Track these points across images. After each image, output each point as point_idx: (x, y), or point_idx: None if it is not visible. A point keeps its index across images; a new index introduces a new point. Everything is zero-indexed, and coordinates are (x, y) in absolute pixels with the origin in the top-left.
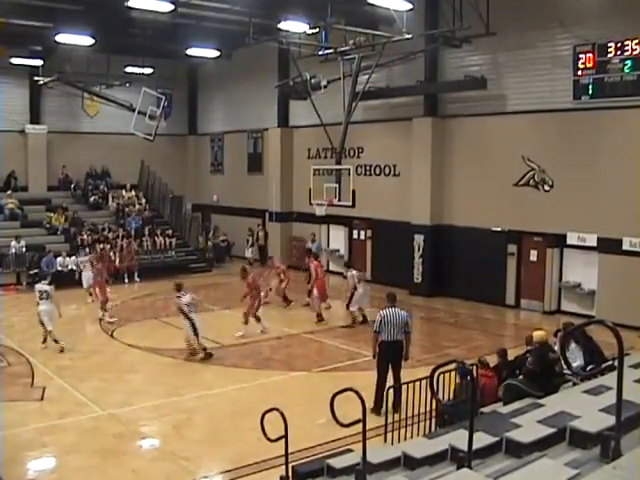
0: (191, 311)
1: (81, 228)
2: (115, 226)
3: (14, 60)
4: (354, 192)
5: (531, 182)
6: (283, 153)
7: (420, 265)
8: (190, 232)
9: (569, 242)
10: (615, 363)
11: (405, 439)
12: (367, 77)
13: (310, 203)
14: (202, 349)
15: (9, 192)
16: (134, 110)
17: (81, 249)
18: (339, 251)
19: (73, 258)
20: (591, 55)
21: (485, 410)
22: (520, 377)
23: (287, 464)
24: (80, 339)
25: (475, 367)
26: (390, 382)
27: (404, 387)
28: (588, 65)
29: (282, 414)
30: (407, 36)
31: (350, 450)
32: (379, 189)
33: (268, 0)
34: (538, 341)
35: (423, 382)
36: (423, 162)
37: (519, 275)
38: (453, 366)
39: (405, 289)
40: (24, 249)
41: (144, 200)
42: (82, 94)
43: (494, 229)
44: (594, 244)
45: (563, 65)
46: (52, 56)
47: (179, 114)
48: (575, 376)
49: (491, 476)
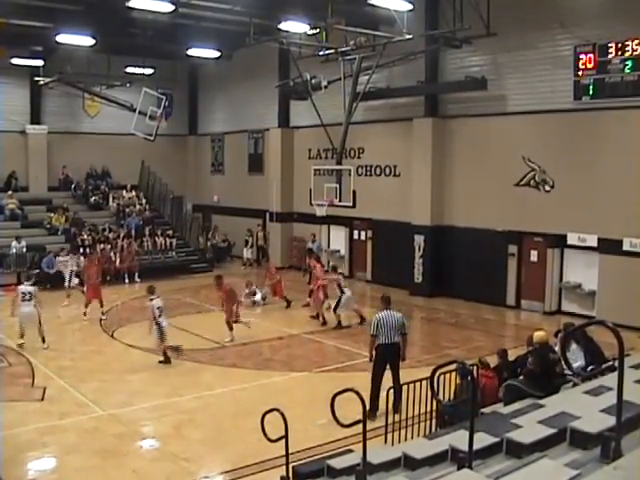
0: (160, 315)
1: (81, 228)
2: (115, 226)
3: (15, 60)
4: (355, 192)
5: (531, 182)
6: (283, 153)
7: (420, 265)
8: (191, 232)
9: (569, 242)
10: (616, 364)
11: (405, 440)
12: (367, 77)
13: (311, 203)
14: (164, 353)
15: (10, 192)
16: (135, 110)
17: (62, 250)
18: (340, 251)
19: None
20: (591, 55)
21: (485, 411)
22: (521, 378)
23: (287, 464)
24: (80, 339)
25: (475, 368)
26: (387, 384)
27: (404, 388)
28: (588, 65)
29: (282, 415)
30: (407, 36)
31: (350, 450)
32: (380, 189)
33: (268, 0)
34: (538, 342)
35: (423, 383)
36: (423, 162)
37: (519, 275)
38: (453, 367)
39: (405, 289)
40: (25, 249)
41: (144, 200)
42: (83, 94)
43: (495, 229)
44: (594, 244)
45: (564, 65)
46: (53, 56)
47: (179, 114)
48: (576, 377)
49: (492, 476)
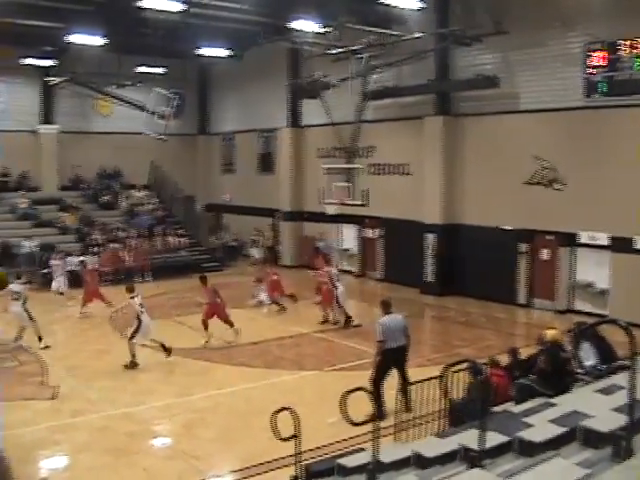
0: (142, 312)
1: (92, 228)
2: (126, 226)
3: (26, 61)
4: (365, 191)
5: (542, 181)
6: (294, 152)
7: (431, 264)
8: (201, 231)
9: (581, 241)
10: (628, 362)
11: (416, 438)
12: (377, 76)
13: (321, 202)
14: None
15: (21, 192)
16: (146, 110)
17: (54, 253)
18: (351, 250)
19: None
20: (602, 53)
21: (496, 409)
22: (532, 376)
23: (298, 463)
24: (91, 338)
25: (486, 366)
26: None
27: (415, 387)
28: (599, 63)
29: (293, 413)
30: (418, 35)
31: (361, 449)
32: (390, 188)
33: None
34: (550, 340)
35: (434, 381)
36: (434, 161)
37: (530, 274)
38: (464, 365)
39: (416, 288)
40: (36, 249)
41: (155, 200)
42: (94, 94)
43: (505, 228)
44: (606, 243)
45: (574, 63)
46: (64, 56)
47: (190, 114)
48: (587, 375)
49: (502, 475)
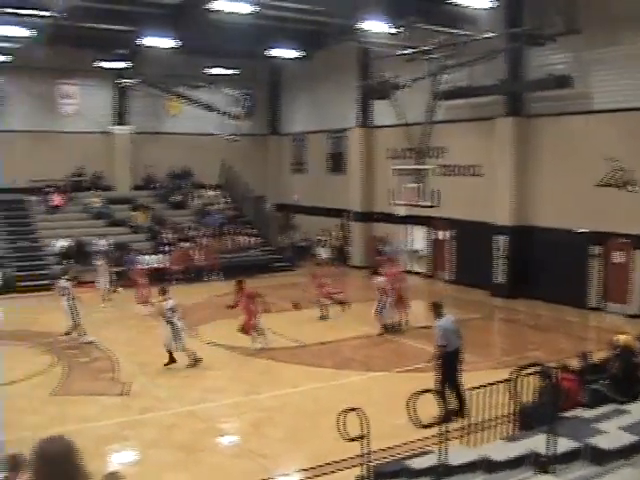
0: (173, 316)
1: (164, 227)
2: (197, 225)
3: (100, 64)
4: (436, 192)
5: (616, 182)
6: (364, 153)
7: (501, 266)
8: (271, 231)
9: None
10: None
11: (485, 442)
12: (448, 76)
13: (391, 203)
14: (191, 354)
15: (95, 191)
16: (216, 111)
17: (96, 254)
18: (420, 251)
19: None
20: None
21: (567, 414)
22: (603, 381)
23: (365, 464)
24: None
25: (557, 370)
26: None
27: (483, 390)
28: None
29: (361, 413)
30: (489, 34)
31: (429, 452)
32: (461, 189)
33: (349, 0)
34: (622, 345)
35: (503, 384)
36: (506, 162)
37: (603, 277)
38: (535, 369)
39: (486, 290)
40: (109, 247)
41: (226, 199)
42: (165, 95)
43: (577, 230)
44: None
45: None
46: (136, 58)
47: (261, 114)
48: None
49: None
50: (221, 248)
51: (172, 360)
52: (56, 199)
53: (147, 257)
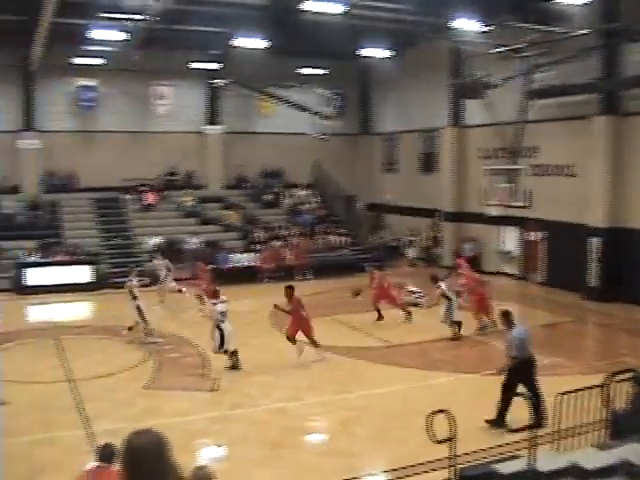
0: (223, 320)
1: (255, 226)
2: (288, 224)
3: (193, 65)
4: (528, 193)
5: None
6: (456, 152)
7: (595, 269)
8: (362, 231)
9: None
10: None
11: (575, 448)
12: (541, 75)
13: (483, 203)
14: (230, 358)
15: (187, 190)
16: (308, 110)
17: (157, 253)
18: (512, 252)
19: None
20: None
21: None
22: None
23: (452, 467)
24: (252, 334)
25: None
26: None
27: (575, 394)
28: None
29: (450, 416)
30: (583, 31)
31: (517, 456)
32: (554, 190)
33: None
34: None
35: (595, 390)
36: (600, 162)
37: None
38: (628, 375)
39: (578, 293)
40: (201, 245)
41: (317, 199)
42: (257, 95)
43: None
44: None
45: None
46: (228, 59)
47: (351, 114)
48: None
49: None
50: (312, 247)
51: (235, 364)
52: (149, 198)
53: (238, 256)
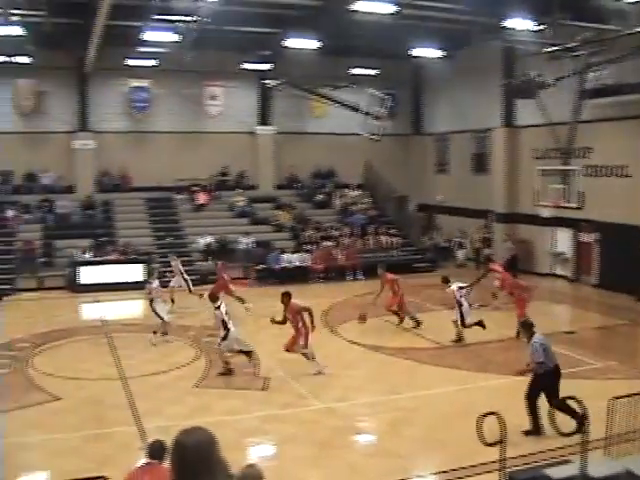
0: (229, 321)
1: (306, 226)
2: (340, 224)
3: (245, 65)
4: (581, 193)
5: None
6: (508, 153)
7: None
8: (414, 231)
9: None
10: None
11: (627, 454)
12: (595, 74)
13: (535, 204)
14: (224, 363)
15: (239, 190)
16: (359, 111)
17: (171, 257)
18: (565, 254)
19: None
20: None
21: None
22: None
23: (502, 470)
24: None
25: None
26: (608, 394)
27: (629, 399)
28: None
29: (500, 418)
30: (638, 29)
31: (569, 461)
32: (608, 190)
33: None
34: None
35: None
36: None
37: None
38: None
39: (632, 295)
40: (253, 245)
41: (369, 199)
42: (308, 96)
43: None
44: None
45: None
46: (280, 60)
47: (403, 114)
48: None
49: None
50: (363, 248)
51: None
52: (201, 197)
53: (289, 256)
